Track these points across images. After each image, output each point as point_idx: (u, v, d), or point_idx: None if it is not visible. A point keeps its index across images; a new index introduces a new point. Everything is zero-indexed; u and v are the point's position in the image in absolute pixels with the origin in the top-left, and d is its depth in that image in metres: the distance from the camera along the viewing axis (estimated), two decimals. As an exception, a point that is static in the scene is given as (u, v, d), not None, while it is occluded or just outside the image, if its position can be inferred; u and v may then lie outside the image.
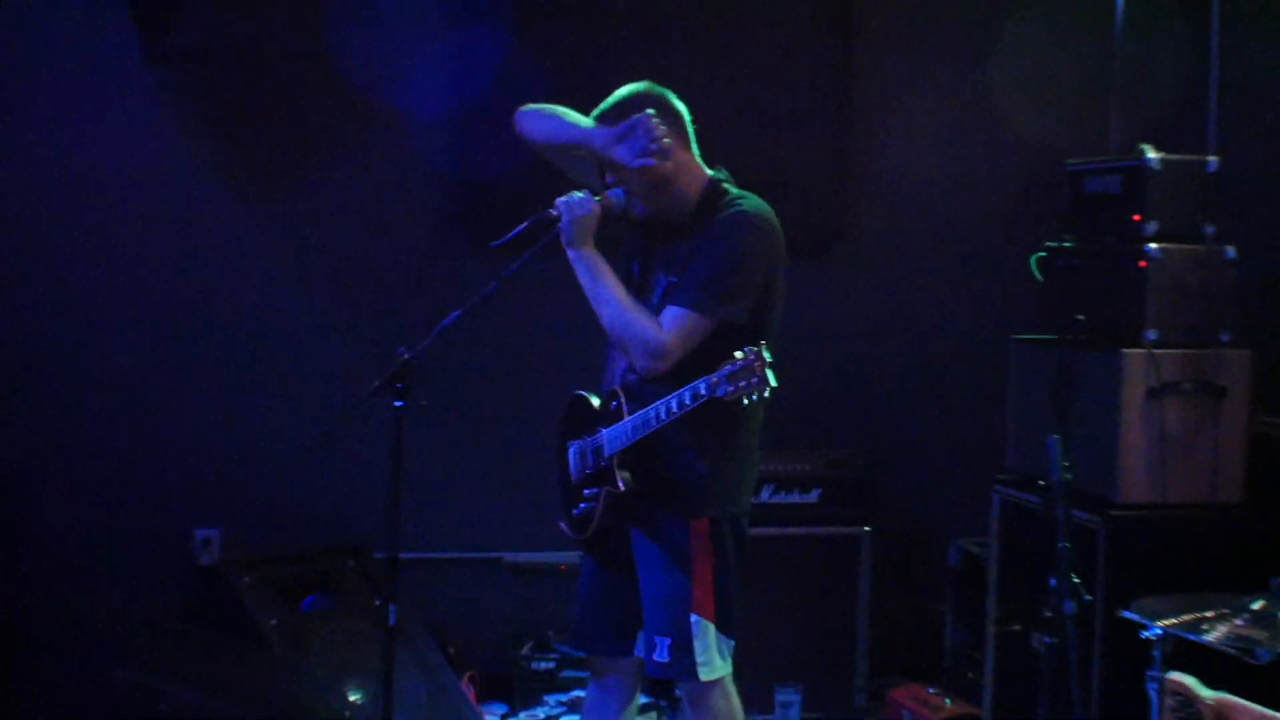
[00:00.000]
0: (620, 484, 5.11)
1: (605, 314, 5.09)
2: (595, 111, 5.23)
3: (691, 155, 5.24)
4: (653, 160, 5.07)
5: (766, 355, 4.63)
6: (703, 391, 4.72)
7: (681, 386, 4.84)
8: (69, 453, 7.39)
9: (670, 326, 4.98)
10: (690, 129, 5.25)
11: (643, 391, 5.10)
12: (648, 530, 5.21)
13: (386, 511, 5.27)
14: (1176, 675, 3.38)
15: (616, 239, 5.35)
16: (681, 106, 5.25)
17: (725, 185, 5.21)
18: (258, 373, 7.56)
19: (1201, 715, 3.34)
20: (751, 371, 4.61)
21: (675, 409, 4.86)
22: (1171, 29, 7.72)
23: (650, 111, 5.10)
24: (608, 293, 5.08)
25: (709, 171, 5.26)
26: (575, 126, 5.28)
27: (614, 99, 5.22)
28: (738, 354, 4.64)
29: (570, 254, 5.13)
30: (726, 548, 5.18)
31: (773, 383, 4.62)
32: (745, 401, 4.64)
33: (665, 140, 5.07)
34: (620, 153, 5.10)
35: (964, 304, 8.15)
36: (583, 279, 5.12)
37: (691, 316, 4.97)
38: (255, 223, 7.58)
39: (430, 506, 7.45)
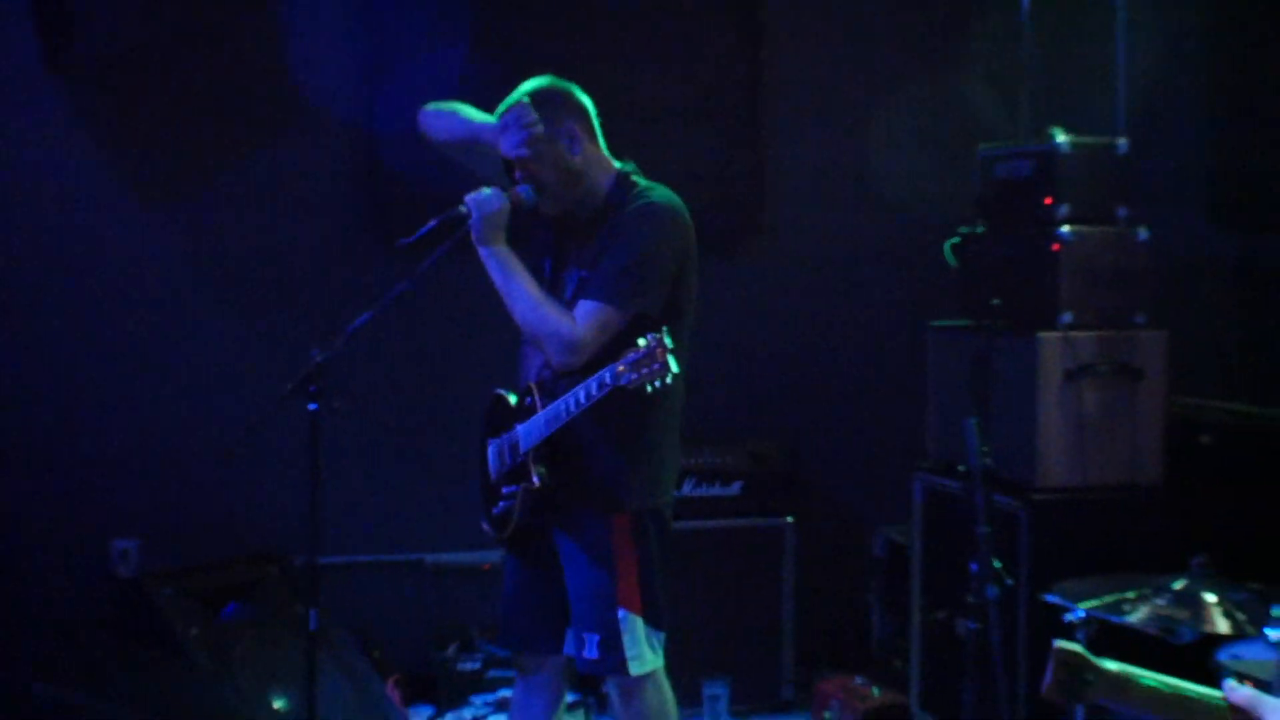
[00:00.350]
0: (535, 479, 5.09)
1: (519, 310, 5.06)
2: (499, 107, 5.21)
3: (599, 149, 5.23)
4: (526, 151, 5.07)
5: (668, 341, 4.60)
6: (608, 380, 4.70)
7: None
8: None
9: (584, 321, 4.96)
10: (596, 123, 5.23)
11: (556, 387, 5.08)
12: (569, 527, 5.20)
13: (305, 516, 5.24)
14: (1065, 644, 3.34)
15: (527, 235, 5.32)
16: (586, 100, 5.24)
17: (634, 177, 5.21)
18: (170, 379, 7.50)
19: (1093, 687, 3.29)
20: (654, 358, 4.59)
21: (583, 400, 4.85)
22: (1078, 12, 7.74)
23: (525, 101, 5.10)
24: (520, 289, 5.05)
25: (617, 164, 5.25)
26: (470, 122, 5.29)
27: (516, 94, 5.20)
28: (640, 341, 4.62)
29: (481, 251, 5.10)
30: (650, 541, 5.18)
31: (675, 369, 4.60)
32: (649, 389, 4.62)
33: (538, 129, 5.07)
34: (503, 145, 5.11)
35: (881, 292, 8.17)
36: (495, 276, 5.09)
37: (605, 310, 4.96)
38: (162, 227, 7.52)
39: (350, 510, 7.42)
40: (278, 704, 6.54)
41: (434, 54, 7.44)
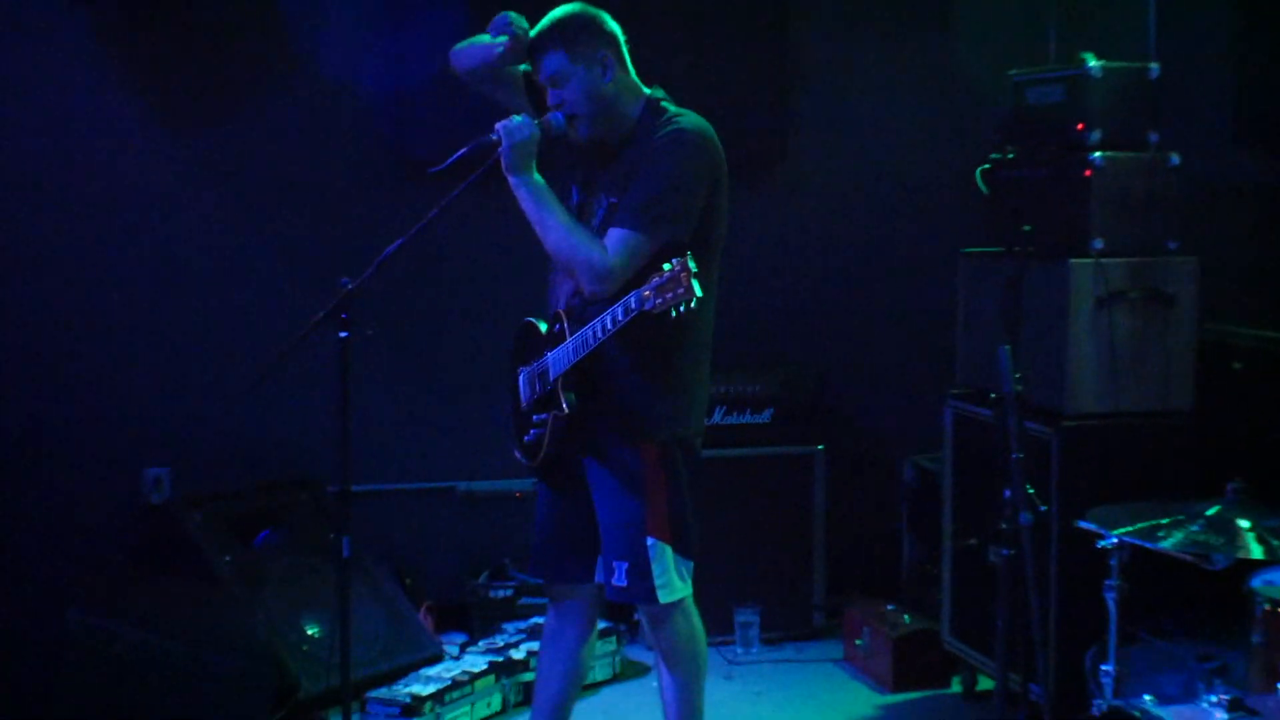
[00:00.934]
0: (565, 406, 5.09)
1: (550, 239, 5.05)
2: (531, 34, 5.19)
3: (630, 75, 5.21)
4: (492, 59, 5.21)
5: (692, 265, 4.60)
6: (633, 305, 4.71)
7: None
8: (13, 396, 7.32)
9: (615, 248, 4.95)
10: (625, 50, 5.21)
11: (585, 314, 5.06)
12: (599, 456, 5.21)
13: (337, 444, 5.24)
14: None
15: (555, 162, 5.30)
16: (615, 27, 5.21)
17: (664, 104, 5.19)
18: (201, 308, 7.51)
19: None
20: (678, 282, 4.59)
21: (609, 325, 4.85)
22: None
23: (509, 14, 5.19)
24: (551, 218, 5.05)
25: (646, 91, 5.23)
26: (488, 45, 5.28)
27: (547, 20, 5.18)
28: (665, 266, 4.63)
29: (511, 180, 5.08)
30: (679, 470, 5.18)
31: (698, 292, 4.60)
32: (674, 314, 4.62)
33: (517, 32, 5.16)
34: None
35: (911, 219, 8.14)
36: (525, 204, 5.08)
37: (635, 237, 4.94)
38: (190, 157, 7.50)
39: (382, 437, 7.46)
40: (310, 630, 6.58)
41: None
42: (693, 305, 4.62)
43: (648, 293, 4.65)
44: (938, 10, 8.09)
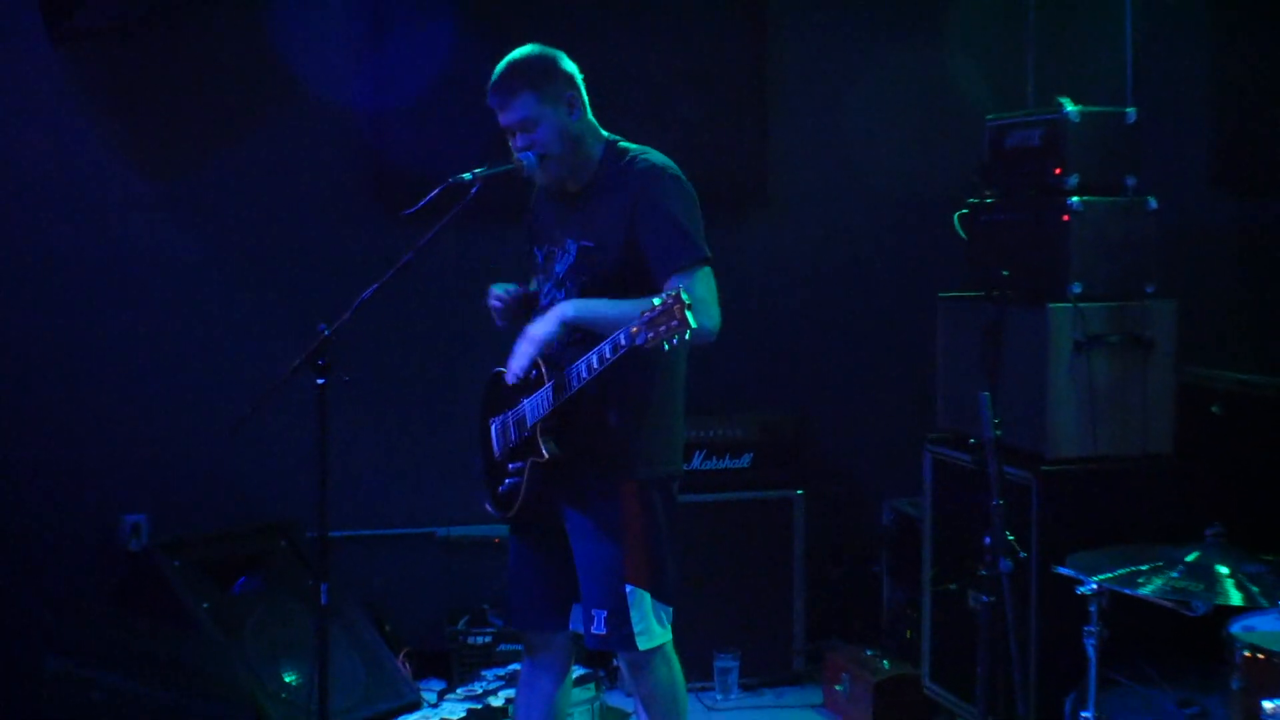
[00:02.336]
0: (545, 452, 5.05)
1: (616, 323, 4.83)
2: (490, 82, 5.16)
3: (590, 116, 5.21)
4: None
5: (685, 297, 4.51)
6: (623, 342, 4.65)
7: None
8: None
9: (691, 286, 4.82)
10: (583, 90, 5.19)
11: (562, 357, 5.04)
12: (576, 502, 5.19)
13: (315, 489, 5.22)
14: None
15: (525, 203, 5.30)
16: (573, 68, 5.18)
17: (622, 144, 5.21)
18: (179, 354, 7.50)
19: None
20: (671, 315, 4.50)
21: (596, 365, 4.81)
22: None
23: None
24: (613, 312, 4.91)
25: (604, 133, 5.24)
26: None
27: (503, 64, 5.16)
28: (655, 299, 4.54)
29: (560, 324, 5.02)
30: (657, 513, 5.17)
31: (693, 324, 4.50)
32: (666, 347, 4.54)
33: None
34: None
35: (889, 263, 8.16)
36: (592, 327, 4.98)
37: (695, 263, 4.96)
38: (166, 201, 7.50)
39: (361, 483, 7.45)
40: (288, 677, 6.55)
41: (429, 25, 7.40)
42: (687, 337, 4.54)
43: (636, 328, 4.57)
44: (918, 51, 8.09)
